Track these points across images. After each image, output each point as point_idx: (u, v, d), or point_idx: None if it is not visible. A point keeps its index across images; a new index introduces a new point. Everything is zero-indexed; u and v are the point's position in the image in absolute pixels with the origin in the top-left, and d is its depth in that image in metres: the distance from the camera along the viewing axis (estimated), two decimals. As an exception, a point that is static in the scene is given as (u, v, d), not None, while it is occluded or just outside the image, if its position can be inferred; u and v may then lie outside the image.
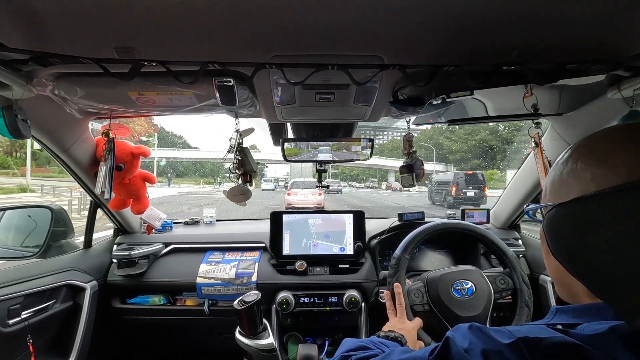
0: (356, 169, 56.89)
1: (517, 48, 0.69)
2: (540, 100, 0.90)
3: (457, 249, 1.53)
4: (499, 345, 0.36)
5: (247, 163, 1.15)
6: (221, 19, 0.59)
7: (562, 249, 0.38)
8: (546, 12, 0.58)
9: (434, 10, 0.57)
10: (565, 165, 0.41)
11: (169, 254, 1.53)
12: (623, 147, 0.36)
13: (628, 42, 0.68)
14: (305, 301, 1.36)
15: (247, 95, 0.91)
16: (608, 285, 0.34)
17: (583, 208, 0.36)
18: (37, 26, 0.60)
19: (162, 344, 1.65)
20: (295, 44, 0.67)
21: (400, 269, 1.03)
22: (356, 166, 49.12)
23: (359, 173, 57.33)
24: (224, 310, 1.40)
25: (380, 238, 1.54)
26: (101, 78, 0.78)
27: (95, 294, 1.34)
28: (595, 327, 0.35)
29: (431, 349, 0.42)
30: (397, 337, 0.78)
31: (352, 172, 59.46)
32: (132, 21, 0.59)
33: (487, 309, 0.97)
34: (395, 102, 0.94)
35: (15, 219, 1.41)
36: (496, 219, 1.71)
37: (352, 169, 58.22)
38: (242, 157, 1.14)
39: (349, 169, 58.66)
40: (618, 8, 0.57)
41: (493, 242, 1.11)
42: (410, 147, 1.23)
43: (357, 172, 57.56)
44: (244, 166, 1.15)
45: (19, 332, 1.06)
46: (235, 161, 1.13)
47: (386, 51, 0.71)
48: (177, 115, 1.07)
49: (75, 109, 0.95)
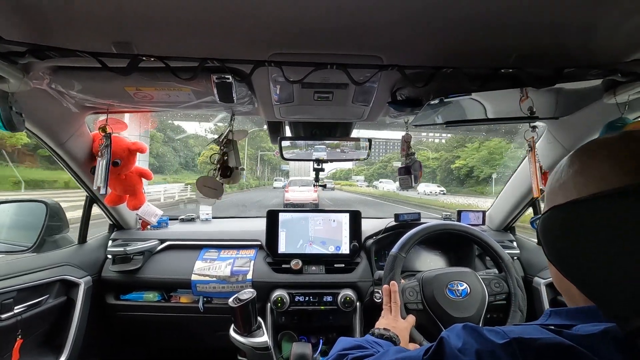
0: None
1: (515, 52, 0.70)
2: (537, 104, 0.91)
3: (452, 250, 1.53)
4: (492, 346, 0.37)
5: (231, 157, 1.09)
6: (221, 16, 0.58)
7: (554, 252, 0.39)
8: (544, 17, 0.59)
9: (434, 12, 0.57)
10: (554, 176, 0.44)
11: (164, 251, 1.52)
12: (602, 159, 0.38)
13: (624, 48, 0.69)
14: (300, 300, 1.36)
15: (245, 92, 0.91)
16: (598, 288, 0.35)
17: (567, 214, 0.37)
18: (34, 19, 0.60)
19: (156, 340, 1.64)
20: (294, 42, 0.67)
21: (397, 267, 1.03)
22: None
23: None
24: (219, 307, 1.40)
25: (376, 238, 1.54)
26: (98, 72, 0.77)
27: (89, 289, 1.33)
28: (589, 328, 0.35)
29: (425, 349, 0.43)
30: (391, 337, 0.79)
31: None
32: (131, 15, 0.58)
33: (481, 311, 0.97)
34: (393, 102, 0.94)
35: (9, 213, 1.40)
36: (491, 221, 1.72)
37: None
38: (227, 150, 1.08)
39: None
40: (615, 14, 0.58)
41: (490, 245, 1.12)
42: (409, 148, 1.22)
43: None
44: (227, 160, 1.09)
45: (11, 327, 1.05)
46: (219, 153, 1.08)
47: (385, 52, 0.71)
48: (174, 111, 1.07)
49: (72, 103, 0.95)
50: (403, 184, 1.24)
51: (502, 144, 24.84)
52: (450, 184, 30.73)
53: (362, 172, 56.67)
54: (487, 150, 25.95)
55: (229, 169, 1.09)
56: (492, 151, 25.43)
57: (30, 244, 1.24)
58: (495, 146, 25.54)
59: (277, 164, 39.44)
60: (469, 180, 28.06)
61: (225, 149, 1.08)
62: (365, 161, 1.37)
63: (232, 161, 1.09)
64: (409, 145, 1.22)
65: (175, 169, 31.40)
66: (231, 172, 1.10)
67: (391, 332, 0.81)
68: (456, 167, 30.20)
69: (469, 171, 28.00)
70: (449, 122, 1.07)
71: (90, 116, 1.16)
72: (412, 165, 1.21)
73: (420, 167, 1.22)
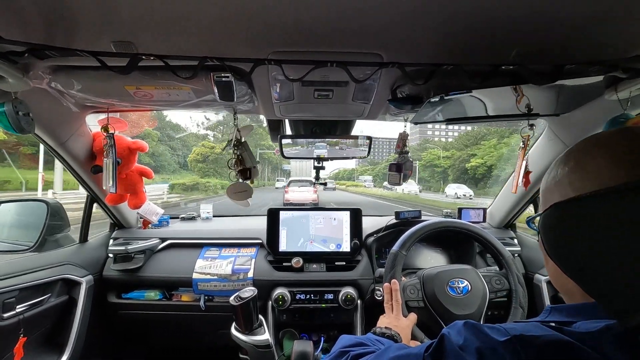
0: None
1: (515, 48, 0.69)
2: (537, 101, 0.90)
3: (453, 248, 1.53)
4: (493, 343, 0.37)
5: (246, 158, 1.11)
6: (220, 15, 0.58)
7: (555, 249, 0.39)
8: (545, 13, 0.58)
9: (434, 9, 0.57)
10: (550, 173, 0.44)
11: (166, 249, 1.52)
12: (599, 155, 0.37)
13: (626, 44, 0.68)
14: (301, 298, 1.37)
15: (245, 91, 0.90)
16: (599, 285, 0.35)
17: (567, 211, 0.37)
18: (34, 18, 0.59)
19: (157, 339, 1.65)
20: (294, 40, 0.67)
21: (397, 265, 1.03)
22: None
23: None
24: (220, 305, 1.41)
25: (377, 236, 1.54)
26: (98, 71, 0.77)
27: (90, 288, 1.34)
28: (590, 325, 0.35)
29: (426, 346, 0.43)
30: (393, 336, 0.79)
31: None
32: (131, 15, 0.58)
33: (482, 308, 0.97)
34: (394, 100, 0.94)
35: (11, 212, 1.40)
36: (492, 218, 1.72)
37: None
38: (241, 153, 1.10)
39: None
40: (616, 10, 0.58)
41: (490, 242, 1.12)
42: (404, 145, 1.22)
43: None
44: (244, 162, 1.11)
45: (13, 326, 1.06)
46: (234, 157, 1.10)
47: (386, 49, 0.71)
48: (175, 110, 1.07)
49: (72, 102, 0.95)
50: (392, 180, 1.26)
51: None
52: (464, 184, 27.27)
53: (366, 172, 55.75)
54: (507, 148, 24.54)
55: (247, 170, 1.12)
56: (513, 148, 23.95)
57: (31, 243, 1.25)
58: (517, 143, 23.60)
59: (278, 164, 38.94)
60: (487, 180, 26.36)
61: (238, 151, 1.10)
62: (368, 161, 1.37)
63: (248, 162, 1.12)
64: (405, 143, 1.23)
65: (173, 169, 30.45)
66: (250, 172, 1.13)
67: (393, 331, 0.81)
68: (472, 166, 28.15)
69: (487, 170, 26.21)
70: (449, 120, 1.07)
71: (89, 115, 1.16)
72: (404, 163, 1.22)
73: (411, 167, 1.23)
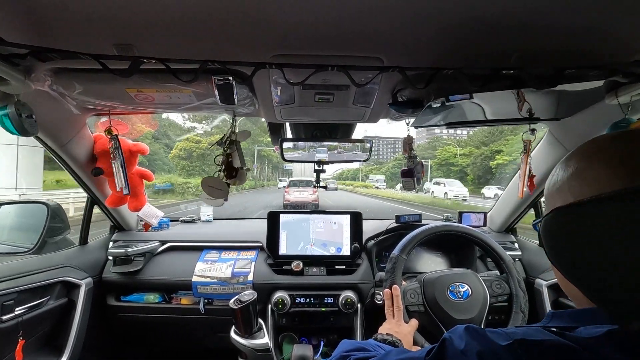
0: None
1: (516, 53, 0.69)
2: (538, 105, 0.90)
3: (454, 252, 1.53)
4: (495, 347, 0.37)
5: (235, 158, 1.09)
6: (222, 18, 0.58)
7: (556, 255, 0.39)
8: (545, 18, 0.58)
9: (435, 13, 0.57)
10: (551, 179, 0.44)
11: (165, 252, 1.52)
12: (597, 160, 0.37)
13: (626, 49, 0.68)
14: (301, 301, 1.36)
15: (246, 94, 0.91)
16: (600, 290, 0.34)
17: (568, 217, 0.37)
18: (36, 21, 0.60)
19: (156, 341, 1.64)
20: (295, 44, 0.67)
21: (398, 269, 1.03)
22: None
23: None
24: (220, 309, 1.40)
25: (377, 239, 1.54)
26: (100, 74, 0.77)
27: (90, 291, 1.33)
28: (591, 330, 0.35)
29: (427, 350, 0.42)
30: (394, 342, 0.79)
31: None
32: (132, 18, 0.58)
33: (482, 313, 0.97)
34: (394, 103, 0.94)
35: (10, 214, 1.40)
36: (493, 222, 1.72)
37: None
38: (231, 151, 1.08)
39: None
40: (617, 15, 0.58)
41: (491, 246, 1.11)
42: (411, 149, 1.22)
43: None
44: (232, 161, 1.09)
45: (12, 328, 1.05)
46: (223, 155, 1.08)
47: (386, 53, 0.71)
48: (176, 112, 1.07)
49: (73, 104, 0.95)
50: (406, 186, 1.24)
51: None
52: (485, 184, 22.96)
53: (372, 172, 53.49)
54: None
55: (234, 170, 1.09)
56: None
57: (31, 245, 1.25)
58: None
59: (279, 162, 38.41)
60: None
61: (228, 150, 1.08)
62: (373, 160, 1.36)
63: (236, 162, 1.10)
64: (411, 147, 1.22)
65: (168, 169, 29.98)
66: (237, 173, 1.10)
67: (394, 337, 0.80)
68: (498, 164, 23.47)
69: (517, 168, 22.59)
70: (450, 124, 1.07)
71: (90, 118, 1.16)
72: (414, 167, 1.21)
73: (422, 168, 1.22)
